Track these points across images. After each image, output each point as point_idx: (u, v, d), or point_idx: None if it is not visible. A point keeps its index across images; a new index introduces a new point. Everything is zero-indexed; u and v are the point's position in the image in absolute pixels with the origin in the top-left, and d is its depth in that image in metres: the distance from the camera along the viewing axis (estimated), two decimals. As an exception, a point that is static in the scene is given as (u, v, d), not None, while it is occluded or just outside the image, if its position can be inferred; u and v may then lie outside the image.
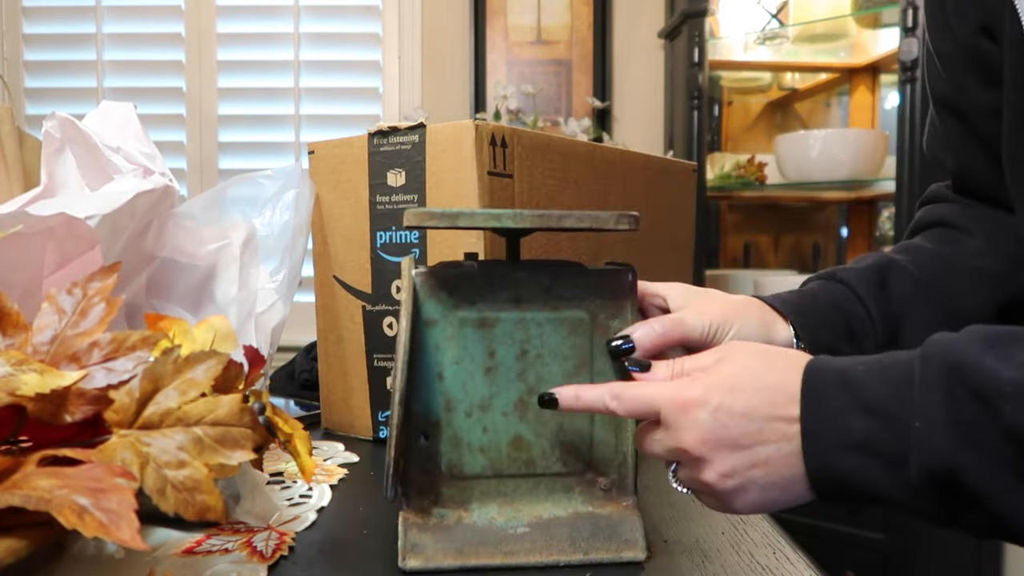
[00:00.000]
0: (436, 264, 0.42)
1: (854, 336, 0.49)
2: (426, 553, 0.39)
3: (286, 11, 1.94)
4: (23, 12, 1.95)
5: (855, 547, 1.46)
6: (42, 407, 0.31)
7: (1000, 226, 0.56)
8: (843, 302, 0.50)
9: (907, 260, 0.54)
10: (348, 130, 1.51)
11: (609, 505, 0.42)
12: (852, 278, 0.52)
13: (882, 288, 0.52)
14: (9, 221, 0.45)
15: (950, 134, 0.60)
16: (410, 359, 0.40)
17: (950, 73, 0.57)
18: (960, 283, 0.53)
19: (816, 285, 0.52)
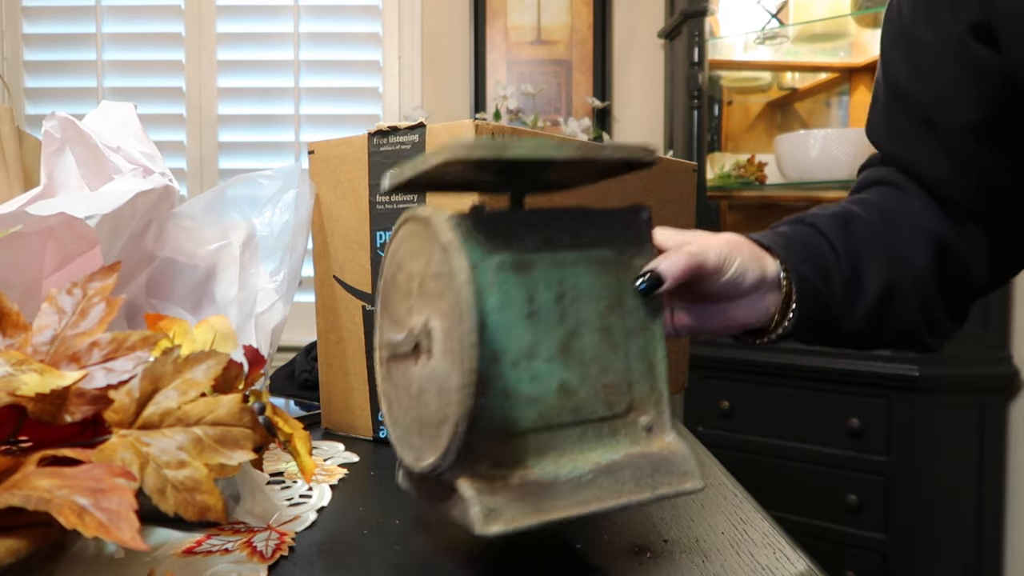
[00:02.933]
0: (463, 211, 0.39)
1: (825, 271, 0.53)
2: (505, 516, 0.36)
3: (286, 11, 1.94)
4: (23, 12, 1.95)
5: (855, 547, 1.46)
6: (42, 407, 0.31)
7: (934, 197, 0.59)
8: (814, 242, 0.54)
9: (862, 210, 0.58)
10: (348, 130, 1.51)
11: (655, 442, 0.42)
12: (820, 222, 0.56)
13: (846, 232, 0.55)
14: (9, 221, 0.45)
15: (896, 125, 0.60)
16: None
17: (927, 66, 0.57)
18: (904, 235, 0.57)
19: (789, 228, 0.56)
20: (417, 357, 0.38)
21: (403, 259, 0.40)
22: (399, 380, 0.40)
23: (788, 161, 1.63)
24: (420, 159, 0.37)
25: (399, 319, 0.40)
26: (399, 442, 0.40)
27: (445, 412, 0.35)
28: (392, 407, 0.41)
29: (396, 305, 0.40)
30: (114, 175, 0.53)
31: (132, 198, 0.50)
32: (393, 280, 0.41)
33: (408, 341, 0.38)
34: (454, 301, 0.35)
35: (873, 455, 1.45)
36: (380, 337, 0.42)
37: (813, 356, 1.49)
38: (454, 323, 0.35)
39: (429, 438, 0.36)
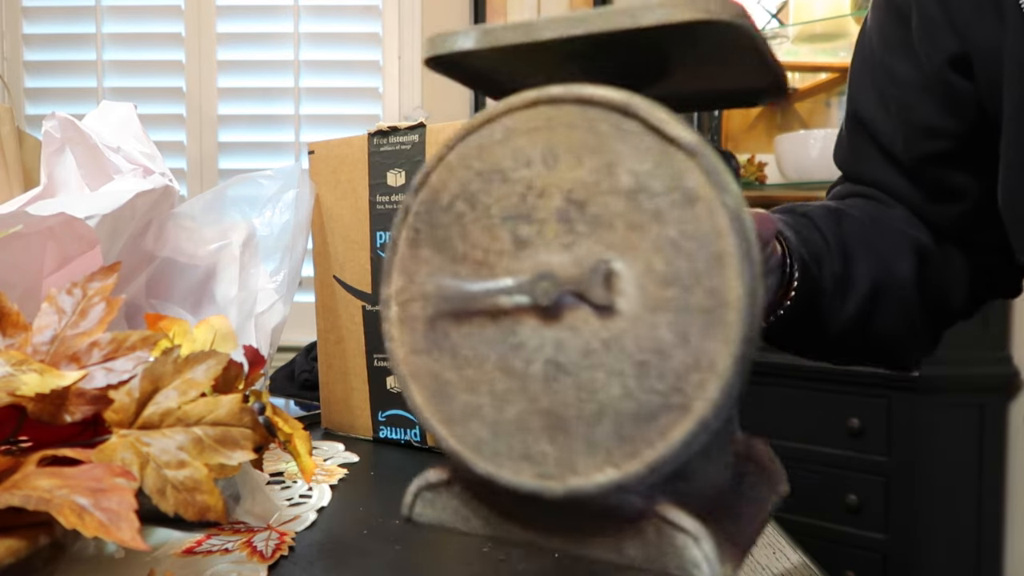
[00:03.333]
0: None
1: (819, 262, 0.53)
2: (729, 551, 0.27)
3: (286, 11, 1.94)
4: (23, 12, 1.95)
5: (855, 547, 1.46)
6: (42, 407, 0.31)
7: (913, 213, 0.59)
8: (810, 233, 0.54)
9: (851, 210, 0.58)
10: (348, 130, 1.51)
11: (738, 443, 0.35)
12: (813, 214, 0.56)
13: (838, 227, 0.55)
14: (9, 221, 0.45)
15: (861, 153, 0.61)
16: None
17: (900, 96, 0.57)
18: (890, 240, 0.57)
19: (786, 215, 0.56)
20: (553, 314, 0.25)
21: (509, 161, 0.26)
22: (479, 350, 0.26)
23: (788, 161, 1.63)
24: (513, 28, 0.26)
25: (471, 256, 0.27)
26: (481, 449, 0.26)
27: (669, 399, 0.23)
28: (450, 392, 0.27)
29: (468, 235, 0.27)
30: (114, 175, 0.53)
31: (132, 198, 0.50)
32: (466, 196, 0.27)
33: (545, 288, 0.25)
34: (718, 231, 0.23)
35: (873, 455, 1.45)
36: (405, 283, 0.28)
37: (813, 356, 1.49)
38: (707, 268, 0.23)
39: (599, 442, 0.24)
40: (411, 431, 0.65)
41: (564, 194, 0.25)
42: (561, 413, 0.25)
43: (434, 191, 0.28)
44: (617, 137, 0.24)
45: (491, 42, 0.27)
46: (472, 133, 0.27)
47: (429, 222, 0.28)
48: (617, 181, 0.24)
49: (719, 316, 0.22)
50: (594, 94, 0.25)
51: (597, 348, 0.24)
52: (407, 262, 0.28)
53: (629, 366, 0.24)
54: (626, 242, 0.24)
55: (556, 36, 0.25)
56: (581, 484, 0.24)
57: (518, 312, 0.25)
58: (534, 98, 0.26)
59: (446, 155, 0.27)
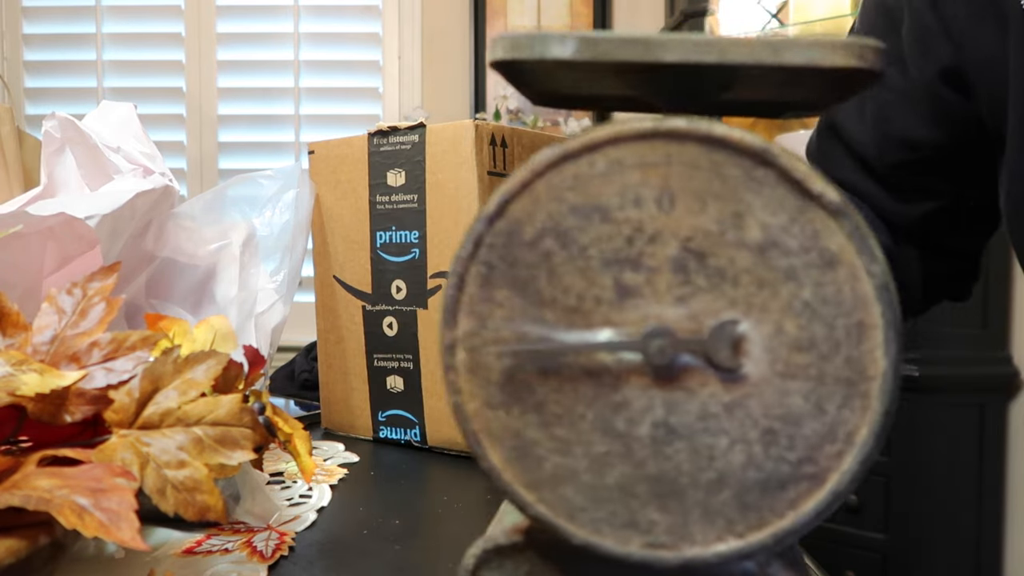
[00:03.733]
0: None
1: None
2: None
3: (286, 11, 1.94)
4: (23, 12, 1.95)
5: (855, 547, 1.46)
6: (42, 407, 0.31)
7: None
8: None
9: None
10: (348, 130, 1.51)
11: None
12: None
13: None
14: (9, 221, 0.45)
15: (829, 152, 0.61)
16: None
17: (880, 103, 0.56)
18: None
19: None
20: (668, 374, 0.23)
21: (615, 199, 0.23)
22: (573, 408, 0.24)
23: (788, 161, 1.63)
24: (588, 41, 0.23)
25: (562, 302, 0.24)
26: (577, 517, 0.24)
27: (801, 469, 0.22)
28: (536, 453, 0.24)
29: (557, 277, 0.24)
30: (114, 175, 0.53)
31: (132, 198, 0.50)
32: (557, 232, 0.24)
33: (661, 347, 0.23)
34: (862, 300, 0.22)
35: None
36: (475, 327, 0.24)
37: (813, 356, 1.49)
38: (848, 337, 0.22)
39: (718, 511, 0.23)
40: (411, 431, 0.65)
41: (681, 242, 0.23)
42: (673, 479, 0.23)
43: (515, 223, 0.24)
44: (747, 185, 0.22)
45: (596, 55, 0.23)
46: (568, 160, 0.23)
47: (508, 259, 0.24)
48: (745, 233, 0.22)
49: (860, 388, 0.22)
50: (728, 135, 0.22)
51: (717, 412, 0.23)
52: (477, 302, 0.24)
53: (755, 433, 0.22)
54: (753, 301, 0.22)
55: (680, 61, 0.23)
56: (699, 554, 0.23)
57: (623, 369, 0.23)
58: (651, 129, 0.23)
59: (533, 182, 0.24)
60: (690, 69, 0.23)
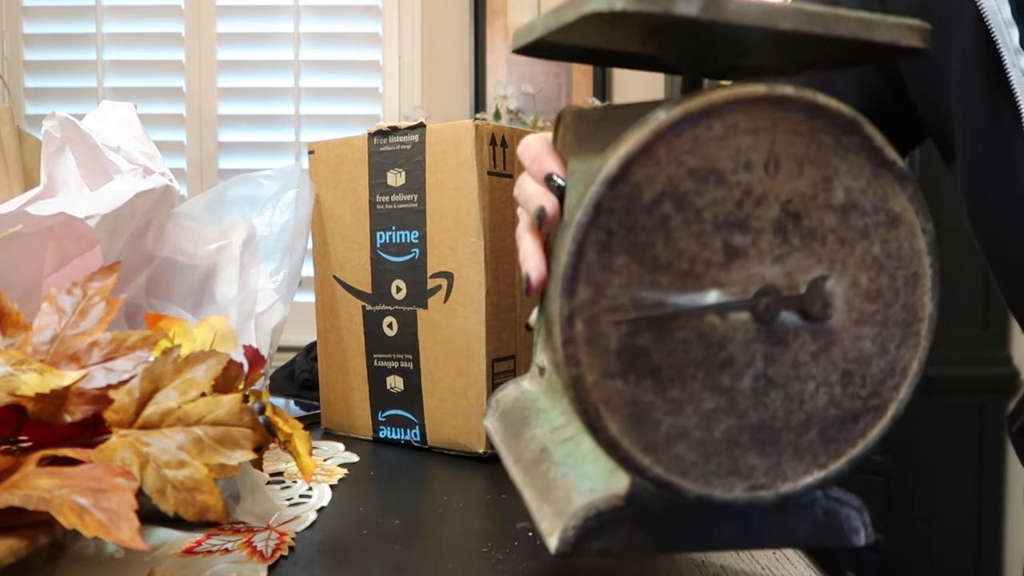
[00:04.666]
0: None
1: None
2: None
3: (286, 11, 1.94)
4: (23, 12, 1.95)
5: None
6: (42, 407, 0.31)
7: None
8: None
9: None
10: (348, 130, 1.51)
11: None
12: None
13: None
14: (9, 221, 0.45)
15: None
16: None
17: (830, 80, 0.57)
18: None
19: None
20: (767, 329, 0.24)
21: (729, 162, 0.24)
22: (685, 368, 0.24)
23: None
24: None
25: (677, 266, 0.24)
26: (690, 473, 0.25)
27: (869, 403, 0.25)
28: (653, 417, 0.25)
29: (673, 241, 0.24)
30: (114, 175, 0.53)
31: (132, 198, 0.50)
32: (675, 196, 0.24)
33: (769, 304, 0.24)
34: (916, 253, 0.25)
35: (873, 455, 1.45)
36: (594, 295, 0.24)
37: (813, 356, 1.49)
38: (906, 286, 0.25)
39: (806, 448, 0.25)
40: (411, 431, 0.65)
41: (782, 204, 0.24)
42: (770, 425, 0.25)
43: (636, 187, 0.24)
44: (836, 151, 0.24)
45: (717, 15, 0.23)
46: (687, 122, 0.24)
47: (627, 224, 0.24)
48: (833, 196, 0.24)
49: (913, 328, 0.25)
50: (828, 104, 0.24)
51: (807, 360, 0.25)
52: (595, 271, 0.24)
53: (835, 375, 0.25)
54: (835, 257, 0.25)
55: (794, 29, 0.23)
56: (791, 488, 0.25)
57: (726, 326, 0.24)
58: (764, 94, 0.24)
59: (654, 144, 0.23)
60: (748, 32, 0.24)
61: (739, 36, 0.25)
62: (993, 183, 0.49)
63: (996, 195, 0.49)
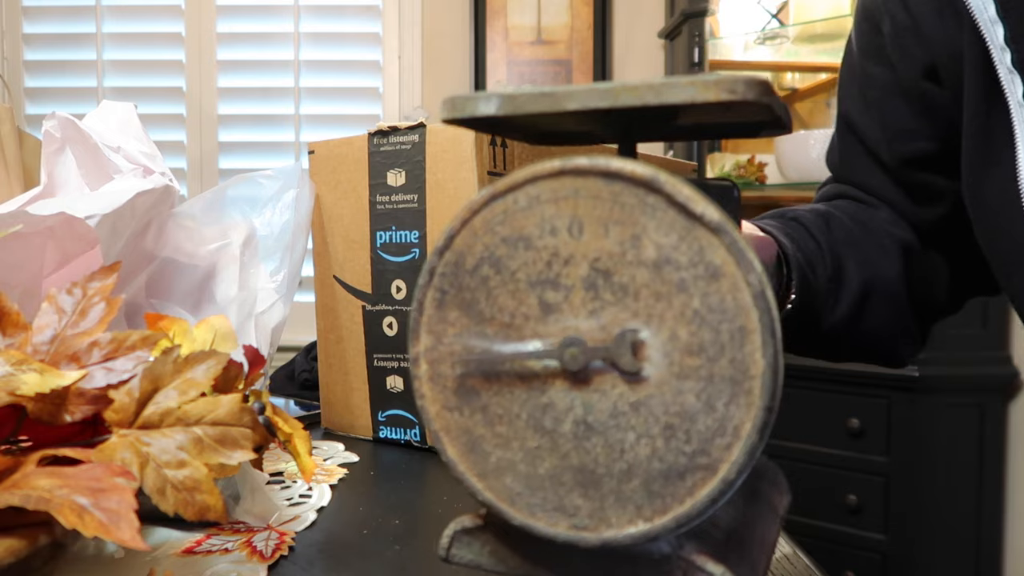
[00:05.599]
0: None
1: (812, 264, 0.54)
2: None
3: (286, 11, 1.94)
4: (23, 12, 1.95)
5: (855, 547, 1.46)
6: (42, 407, 0.31)
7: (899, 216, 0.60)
8: (801, 235, 0.55)
9: (838, 212, 0.59)
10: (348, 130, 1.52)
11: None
12: (803, 217, 0.57)
13: (828, 229, 0.56)
14: (9, 221, 0.45)
15: (849, 154, 0.62)
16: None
17: (876, 97, 0.58)
18: (876, 241, 0.57)
19: (776, 222, 0.57)
20: (581, 378, 0.26)
21: (535, 229, 0.27)
22: (510, 408, 0.27)
23: (788, 161, 1.63)
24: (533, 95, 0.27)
25: (499, 319, 0.27)
26: (516, 502, 0.27)
27: (696, 460, 0.25)
28: (484, 448, 0.28)
29: (494, 298, 0.28)
30: (114, 175, 0.53)
31: (132, 198, 0.50)
32: (491, 260, 0.28)
33: (575, 355, 0.26)
34: (742, 307, 0.24)
35: (873, 455, 1.45)
36: (433, 343, 0.29)
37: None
38: (731, 341, 0.24)
39: (629, 498, 0.25)
40: (411, 431, 0.65)
41: (590, 263, 0.26)
42: (592, 469, 0.26)
43: (459, 254, 0.28)
44: (642, 210, 0.25)
45: (513, 110, 0.27)
46: (497, 199, 0.27)
47: (455, 284, 0.28)
48: (643, 252, 0.25)
49: (744, 387, 0.24)
50: (621, 168, 0.25)
51: (625, 410, 0.25)
52: (434, 323, 0.29)
53: (657, 428, 0.25)
54: (651, 311, 0.25)
55: (581, 107, 0.26)
56: (613, 535, 0.26)
57: (547, 374, 0.26)
58: (559, 168, 0.26)
59: (470, 219, 0.28)
60: (602, 113, 0.27)
61: (627, 116, 0.28)
62: (984, 178, 0.49)
63: (988, 190, 0.49)
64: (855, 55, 0.60)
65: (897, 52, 0.55)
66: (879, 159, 0.59)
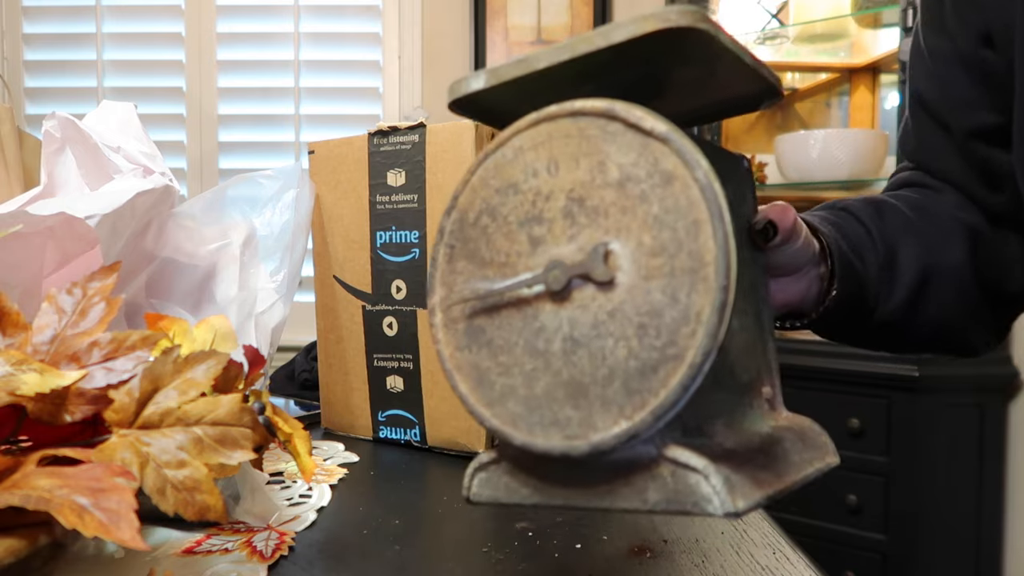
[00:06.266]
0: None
1: (860, 251, 0.53)
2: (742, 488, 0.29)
3: (286, 11, 1.94)
4: (23, 12, 1.95)
5: (855, 547, 1.46)
6: (42, 407, 0.31)
7: (966, 198, 0.59)
8: (848, 223, 0.54)
9: (894, 201, 0.58)
10: (348, 130, 1.52)
11: (780, 416, 0.38)
12: (852, 207, 0.56)
13: (880, 217, 0.55)
14: (9, 221, 0.45)
15: (919, 129, 0.61)
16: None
17: (938, 71, 0.58)
18: (938, 227, 0.56)
19: (824, 212, 0.56)
20: (565, 296, 0.28)
21: (520, 175, 0.30)
22: (509, 338, 0.30)
23: (788, 161, 1.63)
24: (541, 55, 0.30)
25: (497, 260, 0.30)
26: (517, 424, 0.29)
27: (666, 352, 0.26)
28: (490, 379, 0.30)
29: (492, 243, 0.31)
30: (114, 175, 0.53)
31: (132, 198, 0.50)
32: (488, 210, 0.31)
33: (556, 275, 0.28)
34: (692, 202, 0.26)
35: (873, 455, 1.45)
36: (446, 293, 0.32)
37: (813, 356, 1.49)
38: (687, 235, 0.26)
39: (612, 400, 0.27)
40: (411, 431, 0.65)
41: (566, 194, 0.29)
42: (580, 380, 0.28)
43: (462, 211, 0.32)
44: (604, 138, 0.28)
45: (497, 78, 0.31)
46: (489, 156, 0.31)
47: (461, 238, 0.32)
48: (608, 175, 0.28)
49: (700, 274, 0.26)
50: (583, 106, 0.29)
51: (604, 319, 0.28)
52: (446, 275, 0.32)
53: (631, 329, 0.27)
54: (619, 225, 0.28)
55: (549, 63, 0.29)
56: (601, 439, 0.27)
57: (537, 300, 0.29)
58: (535, 118, 0.30)
59: (469, 179, 0.31)
60: (566, 70, 0.29)
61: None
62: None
63: None
64: (919, 31, 0.61)
65: (955, 22, 0.55)
66: (948, 132, 0.58)
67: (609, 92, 0.30)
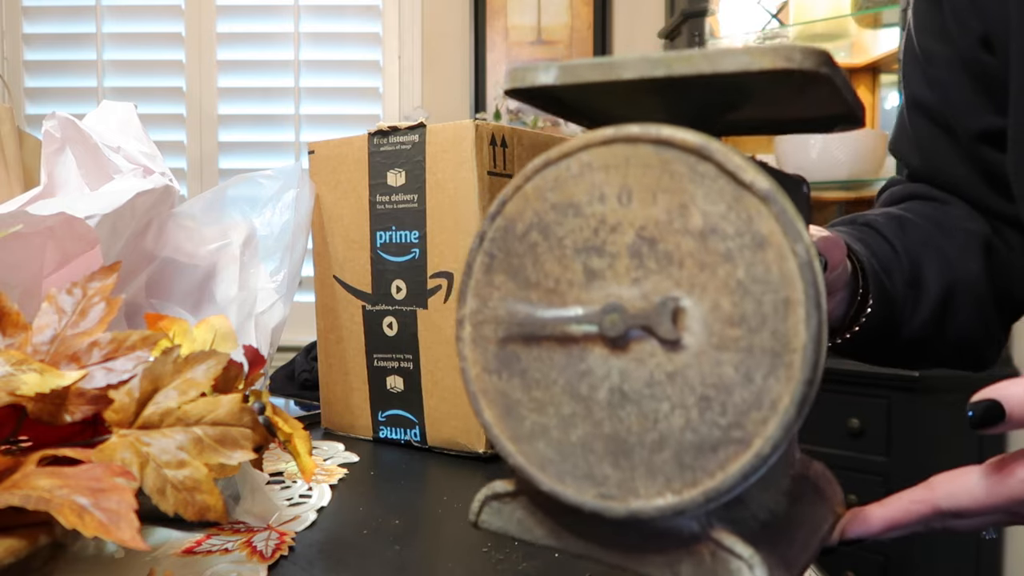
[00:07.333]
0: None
1: (888, 270, 0.52)
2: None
3: (286, 11, 1.94)
4: (23, 12, 1.95)
5: (855, 547, 1.46)
6: (42, 407, 0.31)
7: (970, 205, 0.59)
8: (875, 241, 0.53)
9: (912, 215, 0.57)
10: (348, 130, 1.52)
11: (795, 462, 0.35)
12: (877, 223, 0.55)
13: (903, 233, 0.55)
14: (9, 221, 0.45)
15: (918, 134, 0.61)
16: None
17: (938, 75, 0.58)
18: (955, 241, 0.56)
19: (848, 229, 0.55)
20: (620, 345, 0.26)
21: (584, 196, 0.27)
22: (548, 374, 0.27)
23: (788, 161, 1.63)
24: (602, 64, 0.27)
25: (544, 285, 0.28)
26: (546, 468, 0.27)
27: (730, 434, 0.24)
28: (519, 412, 0.28)
29: (540, 264, 0.28)
30: (114, 175, 0.53)
31: (132, 198, 0.50)
32: (540, 226, 0.28)
33: (614, 320, 0.25)
34: (787, 277, 0.23)
35: (873, 455, 1.45)
36: (479, 306, 0.29)
37: (813, 356, 1.49)
38: (775, 312, 0.23)
39: (659, 469, 0.25)
40: (411, 431, 0.65)
41: (636, 230, 0.26)
42: (624, 438, 0.26)
43: (510, 220, 0.28)
44: (691, 179, 0.25)
45: (571, 79, 0.27)
46: (550, 166, 0.27)
47: (504, 249, 0.28)
48: (689, 221, 0.25)
49: (784, 359, 0.23)
50: (672, 136, 0.25)
51: (661, 380, 0.25)
52: (481, 286, 0.29)
53: (692, 399, 0.24)
54: (694, 280, 0.25)
55: (636, 77, 0.26)
56: (641, 507, 0.25)
57: (586, 340, 0.26)
58: (611, 136, 0.26)
59: (523, 185, 0.28)
60: (648, 83, 0.26)
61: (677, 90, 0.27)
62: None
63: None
64: (913, 36, 0.60)
65: (955, 25, 0.55)
66: (952, 137, 0.58)
67: (686, 104, 0.28)
